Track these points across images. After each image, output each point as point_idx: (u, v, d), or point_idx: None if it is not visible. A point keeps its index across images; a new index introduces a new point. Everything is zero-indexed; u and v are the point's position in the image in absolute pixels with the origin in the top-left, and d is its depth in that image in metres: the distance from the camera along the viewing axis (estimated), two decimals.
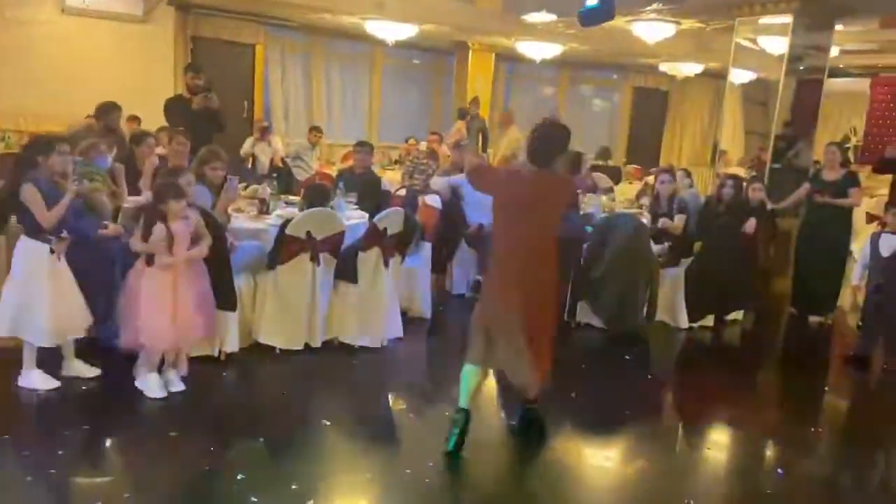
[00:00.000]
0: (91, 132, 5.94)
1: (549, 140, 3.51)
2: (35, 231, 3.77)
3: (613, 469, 3.70)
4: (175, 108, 6.60)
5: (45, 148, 3.84)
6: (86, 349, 4.37)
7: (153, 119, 8.37)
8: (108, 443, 3.53)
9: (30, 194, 3.72)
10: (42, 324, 3.78)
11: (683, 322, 5.97)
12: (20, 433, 3.50)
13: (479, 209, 6.15)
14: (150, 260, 3.82)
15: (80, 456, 3.33)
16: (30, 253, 3.79)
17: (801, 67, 7.23)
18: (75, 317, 3.91)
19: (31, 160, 3.83)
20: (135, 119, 8.48)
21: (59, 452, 3.30)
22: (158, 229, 3.77)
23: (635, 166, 12.12)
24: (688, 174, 7.62)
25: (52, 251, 3.79)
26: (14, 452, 3.33)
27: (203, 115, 6.41)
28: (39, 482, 3.06)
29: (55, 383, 3.91)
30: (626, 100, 14.32)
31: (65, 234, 3.83)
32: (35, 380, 3.89)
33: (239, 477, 3.16)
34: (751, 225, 5.98)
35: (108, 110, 6.03)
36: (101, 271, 4.33)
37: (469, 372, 3.51)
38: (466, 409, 3.47)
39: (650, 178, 8.54)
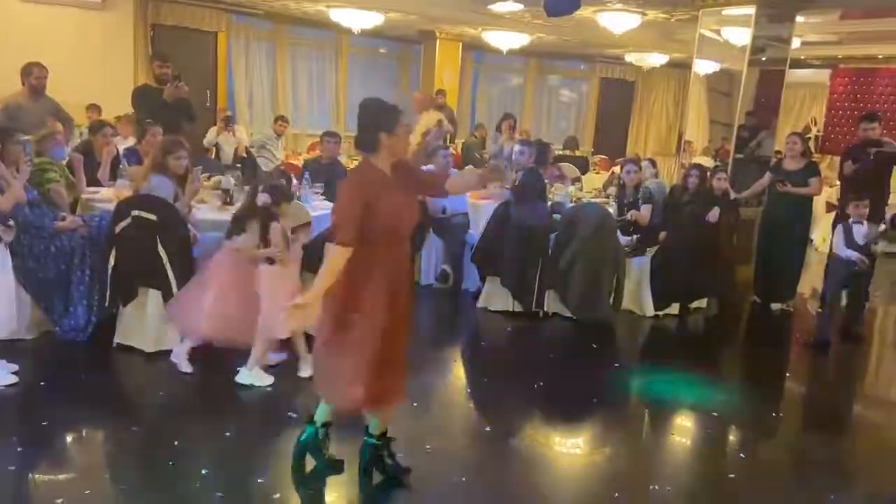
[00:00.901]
0: (20, 100, 5.79)
1: (359, 120, 2.89)
2: None
3: (581, 456, 3.74)
4: (145, 97, 6.41)
5: None
6: (41, 344, 4.28)
7: (113, 108, 8.19)
8: (68, 439, 3.45)
9: None
10: None
11: (649, 310, 6.03)
12: None
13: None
14: (272, 260, 3.95)
15: (40, 453, 3.25)
16: None
17: (764, 58, 7.33)
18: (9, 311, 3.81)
19: None
20: (95, 108, 8.29)
21: (19, 449, 3.22)
22: (276, 229, 3.93)
23: (602, 156, 12.22)
24: (653, 164, 7.69)
25: (0, 239, 3.69)
26: None
27: (175, 105, 6.28)
28: None
29: (13, 378, 3.81)
30: (593, 90, 14.41)
31: (11, 222, 3.73)
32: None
33: (204, 472, 3.11)
34: (714, 214, 6.06)
35: (28, 71, 5.85)
36: (57, 264, 4.23)
37: None
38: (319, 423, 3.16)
39: (616, 168, 8.60)
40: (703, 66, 8.04)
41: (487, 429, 3.89)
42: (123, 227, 4.19)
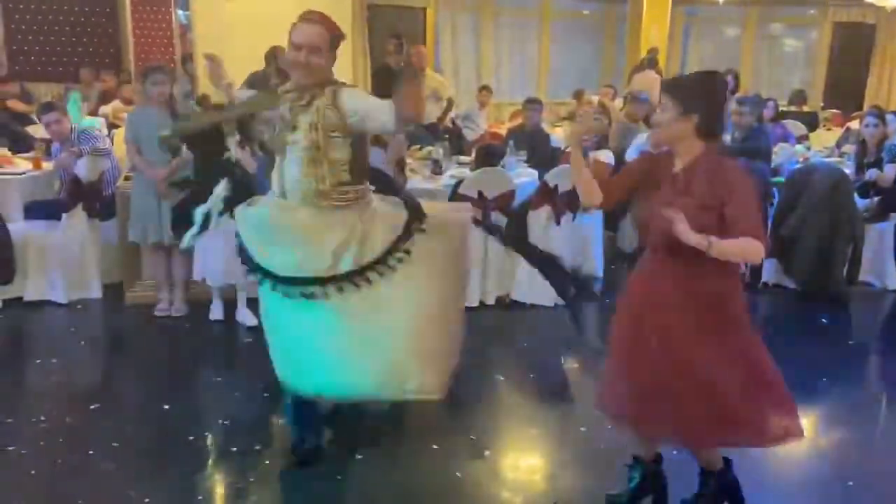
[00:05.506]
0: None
1: (710, 98, 2.39)
2: None
3: (805, 440, 3.42)
4: (381, 75, 6.98)
5: None
6: None
7: None
8: None
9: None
10: (215, 266, 4.34)
11: (893, 283, 5.36)
12: None
13: None
14: None
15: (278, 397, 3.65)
16: None
17: None
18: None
19: None
20: None
21: (265, 395, 3.64)
22: None
23: (834, 111, 10.96)
24: None
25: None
26: None
27: (400, 73, 6.76)
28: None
29: (255, 321, 4.32)
30: (824, 37, 12.88)
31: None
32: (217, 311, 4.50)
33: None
34: None
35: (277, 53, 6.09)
36: None
37: None
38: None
39: (853, 124, 7.67)
40: None
41: None
42: None
